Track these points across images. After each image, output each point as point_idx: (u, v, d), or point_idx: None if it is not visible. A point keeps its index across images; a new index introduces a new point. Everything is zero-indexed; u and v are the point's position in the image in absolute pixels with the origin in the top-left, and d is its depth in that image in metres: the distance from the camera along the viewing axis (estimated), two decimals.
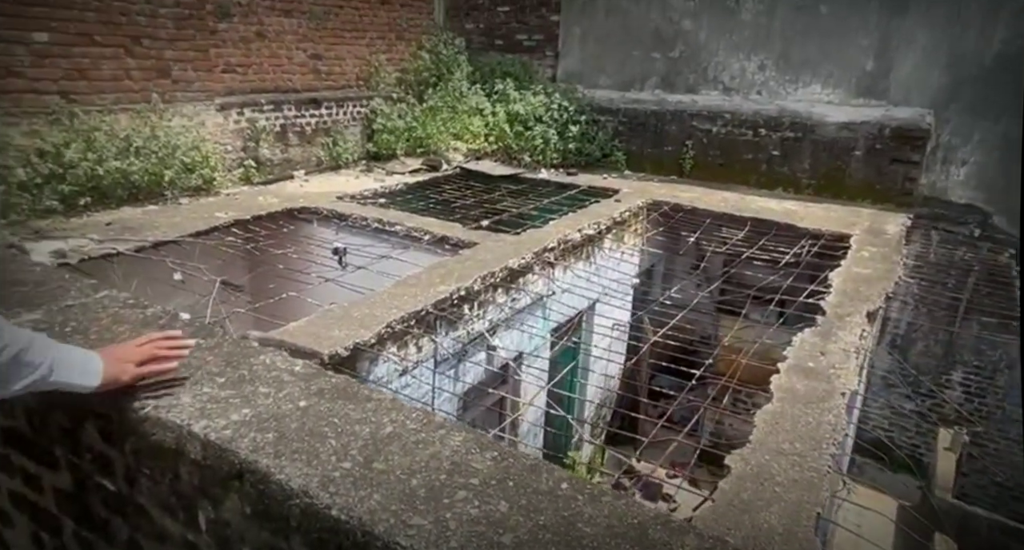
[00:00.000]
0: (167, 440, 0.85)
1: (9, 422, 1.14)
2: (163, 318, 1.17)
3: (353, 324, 3.06)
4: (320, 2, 6.64)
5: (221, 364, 0.98)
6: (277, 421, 0.84)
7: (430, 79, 7.92)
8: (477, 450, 0.82)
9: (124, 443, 0.92)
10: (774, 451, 2.08)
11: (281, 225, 5.14)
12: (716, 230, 5.33)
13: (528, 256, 4.32)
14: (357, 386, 0.96)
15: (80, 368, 0.98)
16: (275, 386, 0.93)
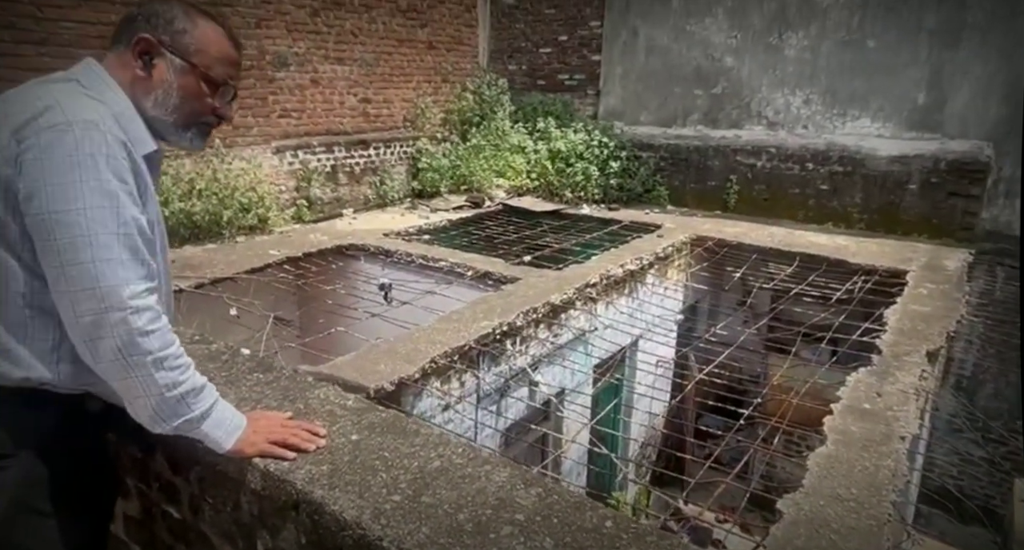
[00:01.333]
0: (230, 470, 0.89)
1: None
2: (226, 354, 1.24)
3: (398, 359, 3.11)
4: (371, 49, 7.00)
5: (279, 397, 1.03)
6: (331, 454, 0.88)
7: (473, 118, 8.17)
8: (522, 486, 0.83)
9: (190, 472, 0.97)
10: (829, 496, 1.99)
11: (330, 262, 5.32)
12: (763, 265, 5.23)
13: (570, 291, 4.33)
14: (406, 421, 0.99)
15: (225, 426, 1.01)
16: (329, 419, 0.96)
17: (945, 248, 5.46)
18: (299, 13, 6.09)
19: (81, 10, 4.34)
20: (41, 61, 4.22)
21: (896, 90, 5.79)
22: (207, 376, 1.13)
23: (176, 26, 1.14)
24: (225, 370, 1.15)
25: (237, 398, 1.06)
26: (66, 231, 0.96)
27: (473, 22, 8.35)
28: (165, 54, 1.13)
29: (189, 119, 1.18)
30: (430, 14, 7.64)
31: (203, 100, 1.18)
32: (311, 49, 6.31)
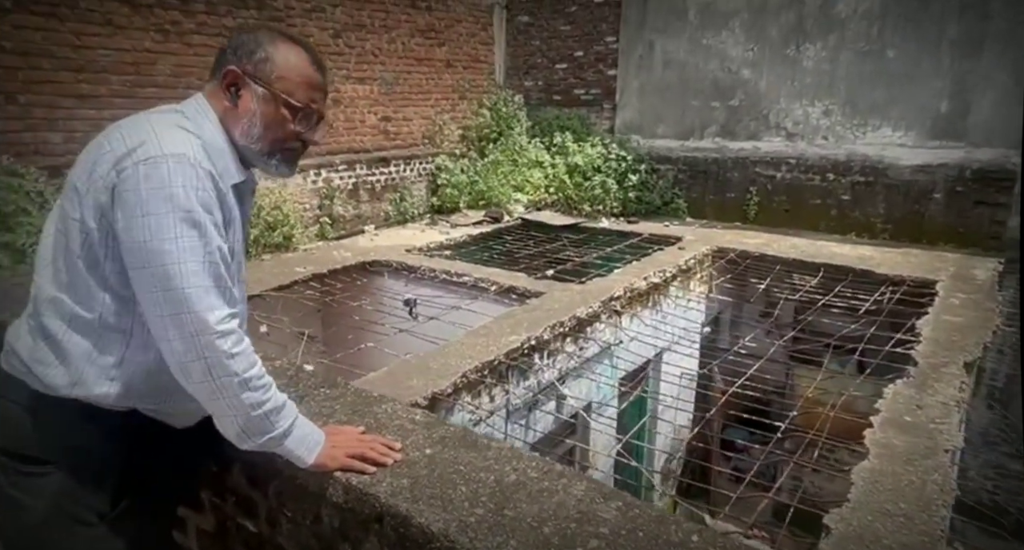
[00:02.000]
0: (310, 484, 0.91)
1: None
2: (290, 370, 1.27)
3: (430, 374, 3.13)
4: (391, 69, 7.13)
5: (348, 412, 1.05)
6: (409, 467, 0.89)
7: (491, 135, 8.26)
8: (601, 499, 0.84)
9: (268, 487, 0.99)
10: (877, 511, 1.97)
11: (355, 278, 5.37)
12: (787, 277, 5.20)
13: (596, 305, 4.33)
14: (475, 435, 1.01)
15: (307, 442, 1.04)
16: (401, 434, 0.98)
17: (973, 257, 5.40)
18: (322, 35, 6.23)
19: (116, 38, 4.47)
20: (79, 87, 4.35)
21: (918, 99, 5.77)
22: None
23: (259, 55, 1.18)
24: (293, 386, 1.18)
25: (309, 413, 1.08)
26: (159, 259, 1.02)
27: (489, 40, 8.48)
28: (249, 84, 1.17)
29: (273, 146, 1.21)
30: (448, 33, 7.77)
31: (285, 126, 1.20)
32: (333, 69, 6.43)
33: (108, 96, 4.50)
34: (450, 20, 7.78)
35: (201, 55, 5.05)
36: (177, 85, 4.95)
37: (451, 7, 7.74)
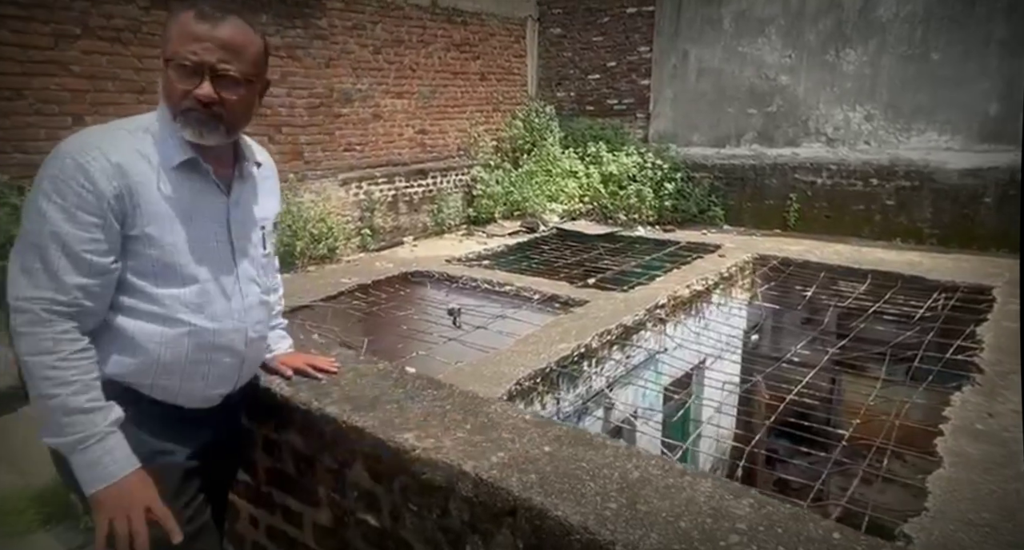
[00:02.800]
0: (437, 479, 0.95)
1: (276, 464, 1.29)
2: (394, 372, 1.32)
3: (485, 381, 3.16)
4: (427, 83, 7.26)
5: (461, 412, 1.09)
6: (532, 463, 0.92)
7: (524, 145, 8.33)
8: (731, 496, 0.85)
9: (392, 482, 1.03)
10: (959, 521, 1.93)
11: (398, 288, 5.46)
12: (833, 284, 5.12)
13: (641, 313, 4.33)
14: (588, 434, 1.04)
15: (95, 469, 1.06)
16: (516, 432, 1.01)
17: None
18: (363, 52, 6.39)
19: None
20: (139, 109, 4.54)
21: (964, 102, 5.66)
22: (382, 393, 1.20)
23: (166, 31, 1.21)
24: (401, 386, 1.22)
25: (423, 412, 1.12)
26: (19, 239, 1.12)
27: (522, 52, 8.58)
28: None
29: (174, 112, 1.20)
30: (482, 47, 7.89)
31: (175, 87, 1.18)
32: (373, 85, 6.59)
33: None
34: (484, 34, 7.90)
35: None
36: None
37: (485, 21, 7.87)
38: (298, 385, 1.25)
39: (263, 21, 5.21)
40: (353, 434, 1.09)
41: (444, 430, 1.02)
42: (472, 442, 0.99)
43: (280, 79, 5.47)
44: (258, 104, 1.28)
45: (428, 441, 0.99)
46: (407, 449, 0.99)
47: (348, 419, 1.11)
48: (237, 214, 1.26)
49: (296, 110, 5.69)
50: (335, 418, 1.12)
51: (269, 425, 1.28)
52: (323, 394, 1.21)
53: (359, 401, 1.16)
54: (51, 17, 3.91)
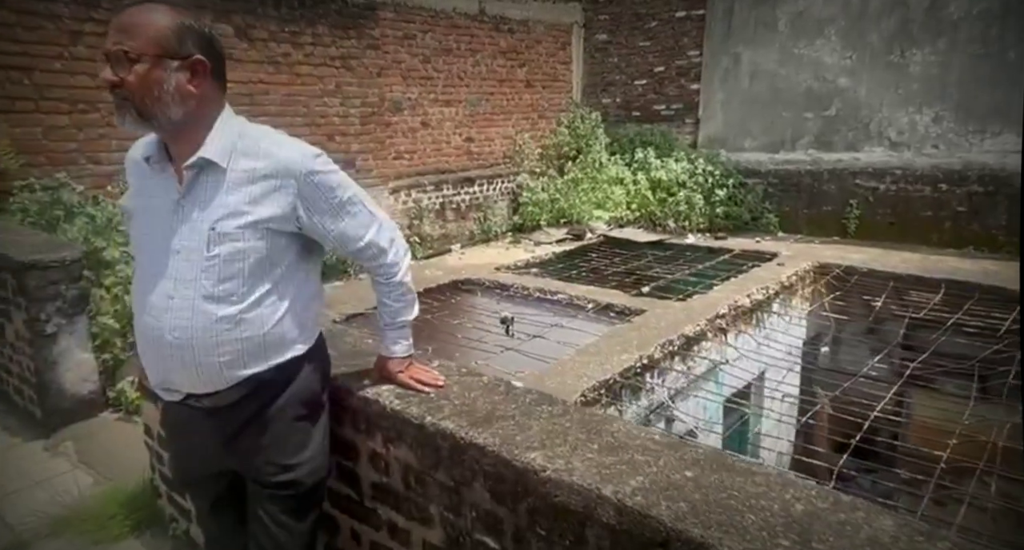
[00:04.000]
0: (572, 503, 0.88)
1: (382, 479, 1.24)
2: (500, 385, 1.26)
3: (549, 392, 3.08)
4: (475, 91, 7.28)
5: (583, 431, 1.02)
6: (676, 490, 0.84)
7: (570, 152, 8.26)
8: (922, 538, 0.76)
9: (519, 504, 0.96)
10: None
11: (449, 296, 5.44)
12: (904, 294, 4.87)
13: (702, 323, 4.19)
14: (729, 458, 0.95)
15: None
16: (649, 454, 0.93)
17: None
18: (413, 61, 6.44)
19: (236, 71, 4.75)
20: None
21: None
22: (494, 408, 1.15)
23: None
24: (512, 402, 1.16)
25: (543, 430, 1.05)
26: None
27: (567, 59, 8.54)
28: None
29: None
30: (528, 54, 7.88)
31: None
32: (422, 94, 6.63)
33: None
34: (530, 41, 7.89)
35: (308, 84, 5.30)
36: (285, 114, 5.21)
37: (532, 28, 7.86)
38: (407, 398, 1.20)
39: (320, 31, 5.29)
40: (473, 451, 1.03)
41: (571, 450, 0.95)
42: (604, 464, 0.91)
43: (335, 88, 5.54)
44: (183, 86, 1.18)
45: (558, 462, 0.92)
46: (535, 469, 0.92)
47: (467, 435, 1.05)
48: (184, 211, 1.23)
49: (349, 119, 5.76)
50: (452, 434, 1.06)
51: (376, 439, 1.23)
52: (435, 408, 1.15)
53: (473, 416, 1.10)
54: None
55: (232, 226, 1.21)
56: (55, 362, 2.46)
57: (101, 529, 1.85)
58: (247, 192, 1.22)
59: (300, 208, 1.25)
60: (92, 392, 2.61)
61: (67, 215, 3.19)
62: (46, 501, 2.01)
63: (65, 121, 3.87)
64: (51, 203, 3.24)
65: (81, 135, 3.95)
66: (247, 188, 1.22)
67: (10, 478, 2.14)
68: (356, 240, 1.32)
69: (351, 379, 1.30)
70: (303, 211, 1.26)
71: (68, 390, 2.53)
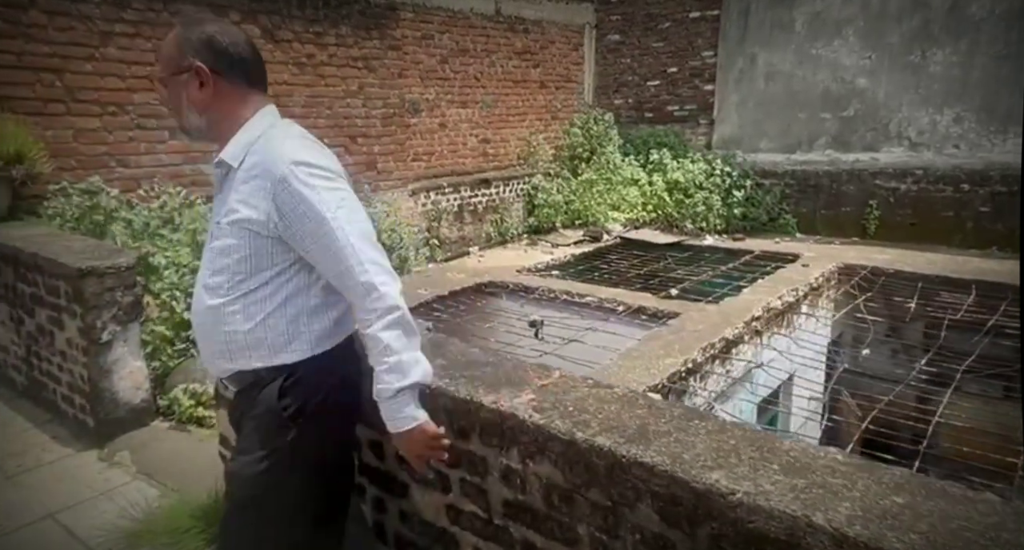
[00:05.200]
0: (772, 530, 0.84)
1: (516, 496, 1.19)
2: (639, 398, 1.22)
3: None
4: (490, 92, 7.23)
5: (753, 449, 0.97)
6: (894, 519, 0.80)
7: (583, 154, 8.23)
8: None
9: (698, 528, 0.92)
10: None
11: (474, 299, 5.39)
12: (935, 295, 4.87)
13: (740, 325, 4.17)
14: (935, 481, 0.90)
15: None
16: (841, 476, 0.86)
17: None
18: (430, 62, 6.39)
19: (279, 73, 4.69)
20: None
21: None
22: (643, 422, 1.10)
23: None
24: (662, 416, 1.11)
25: (709, 447, 1.00)
26: None
27: (580, 60, 8.51)
28: None
29: None
30: (542, 55, 7.85)
31: None
32: (440, 95, 6.58)
33: None
34: (544, 41, 7.86)
35: (331, 85, 5.24)
36: (309, 115, 5.15)
37: (546, 29, 7.83)
38: (549, 412, 1.15)
39: (343, 32, 5.24)
40: (637, 470, 0.98)
41: (752, 470, 0.91)
42: (797, 487, 0.87)
43: (357, 90, 5.48)
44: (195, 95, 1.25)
45: (744, 484, 0.88)
46: (721, 492, 0.88)
47: (628, 453, 1.00)
48: (216, 207, 1.33)
49: (371, 120, 5.70)
50: (611, 451, 1.02)
51: (511, 454, 1.19)
52: (582, 424, 1.11)
53: (625, 432, 1.06)
54: (153, 33, 3.97)
55: (225, 222, 1.24)
56: (109, 370, 2.40)
57: (176, 543, 1.80)
58: (241, 190, 1.23)
59: (275, 215, 1.19)
60: (144, 400, 2.55)
61: (107, 220, 3.12)
62: (115, 513, 1.95)
63: (96, 123, 3.79)
64: (90, 208, 3.18)
65: (111, 138, 3.88)
66: (243, 186, 1.23)
67: (70, 489, 2.07)
68: (328, 272, 1.21)
69: (474, 390, 1.26)
70: (278, 219, 1.19)
71: (122, 399, 2.46)
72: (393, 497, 1.49)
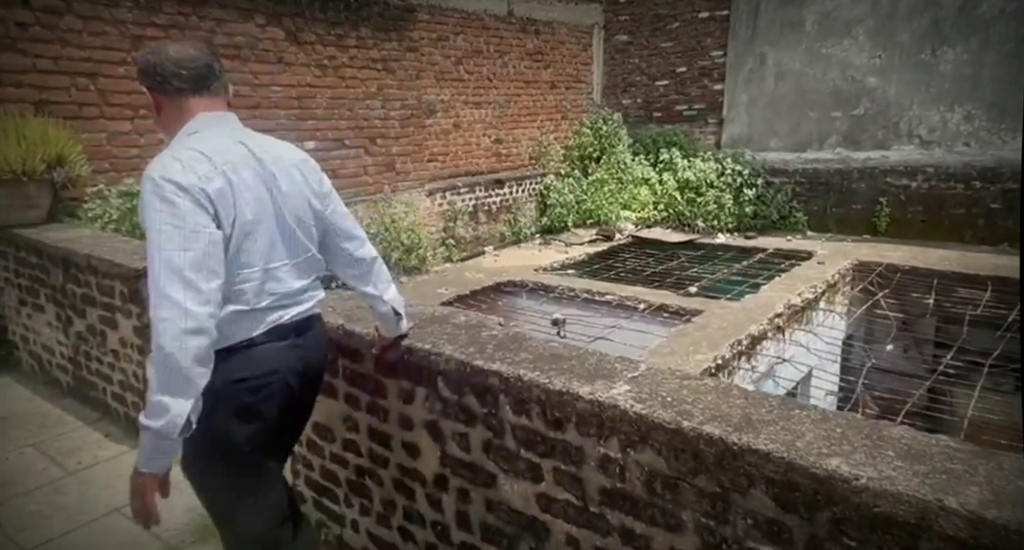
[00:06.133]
0: (900, 513, 0.88)
1: (615, 484, 1.24)
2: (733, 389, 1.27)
3: None
4: (503, 92, 7.28)
5: (863, 437, 1.00)
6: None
7: (593, 153, 8.28)
8: None
9: (817, 512, 0.96)
10: None
11: (494, 298, 5.43)
12: (952, 291, 4.93)
13: (764, 322, 4.23)
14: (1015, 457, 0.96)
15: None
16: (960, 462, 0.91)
17: None
18: (446, 63, 6.43)
19: (285, 75, 4.73)
20: (254, 123, 4.59)
21: None
22: (743, 411, 1.15)
23: None
24: (761, 406, 1.16)
25: (817, 436, 1.05)
26: None
27: (589, 60, 8.56)
28: None
29: None
30: (552, 55, 7.90)
31: None
32: (454, 96, 6.63)
33: (277, 130, 4.75)
34: (555, 42, 7.91)
35: (352, 87, 5.28)
36: (331, 117, 5.19)
37: (556, 30, 7.88)
38: (648, 402, 1.20)
39: (363, 34, 5.28)
40: (751, 457, 1.03)
41: (869, 457, 0.96)
42: (920, 472, 0.92)
43: (376, 91, 5.52)
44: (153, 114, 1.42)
45: (867, 469, 0.93)
46: (845, 477, 0.93)
47: (741, 441, 1.05)
48: None
49: (389, 122, 5.74)
50: (721, 439, 1.07)
51: (611, 443, 1.23)
52: (685, 413, 1.16)
53: (730, 421, 1.11)
54: (183, 37, 4.00)
55: None
56: None
57: None
58: None
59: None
60: None
61: None
62: (182, 508, 1.99)
63: (128, 126, 3.83)
64: (130, 210, 3.21)
65: (142, 141, 3.91)
66: None
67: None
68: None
69: (569, 382, 1.30)
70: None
71: None
72: (477, 487, 1.54)
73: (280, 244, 1.39)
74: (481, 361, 1.46)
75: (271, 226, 1.37)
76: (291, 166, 1.43)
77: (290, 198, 1.41)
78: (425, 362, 1.57)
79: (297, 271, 1.43)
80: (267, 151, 1.40)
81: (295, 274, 1.42)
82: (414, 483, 1.69)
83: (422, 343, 1.60)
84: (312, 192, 1.47)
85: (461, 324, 1.77)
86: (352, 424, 1.83)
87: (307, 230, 1.45)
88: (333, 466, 1.93)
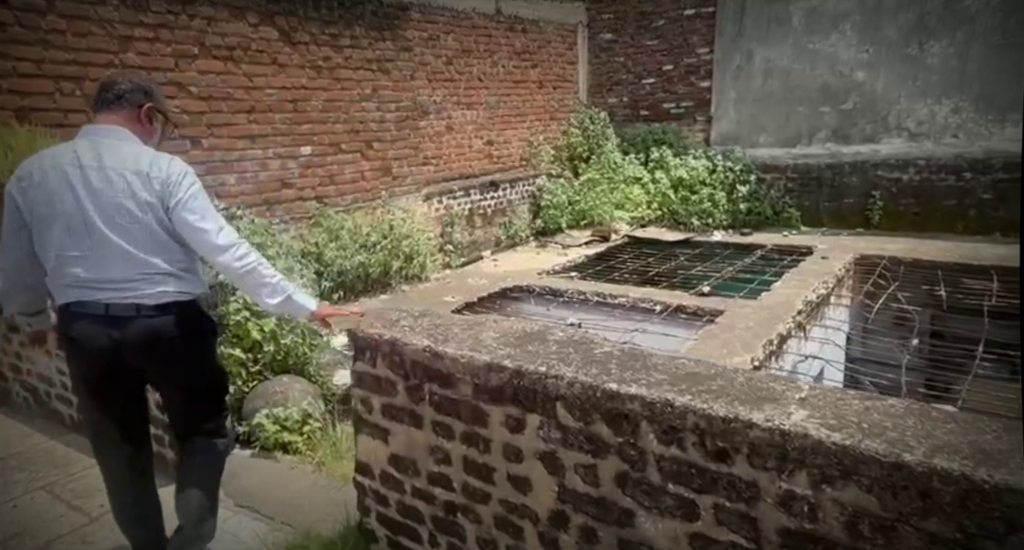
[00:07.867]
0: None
1: (802, 524, 1.09)
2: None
3: None
4: (494, 92, 7.12)
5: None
6: None
7: (582, 153, 8.19)
8: None
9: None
10: None
11: (501, 304, 5.27)
12: (958, 282, 4.99)
13: (789, 321, 4.18)
14: None
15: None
16: None
17: None
18: (437, 63, 6.23)
19: (280, 77, 4.47)
20: (250, 128, 4.34)
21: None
22: (970, 439, 1.03)
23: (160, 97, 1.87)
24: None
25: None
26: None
27: (574, 59, 8.47)
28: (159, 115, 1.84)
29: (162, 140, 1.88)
30: (540, 54, 7.78)
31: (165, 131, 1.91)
32: (447, 96, 6.43)
33: (272, 135, 4.49)
34: (542, 41, 7.79)
35: (347, 89, 5.05)
36: (327, 120, 4.94)
37: (543, 28, 7.76)
38: (846, 430, 1.06)
39: (357, 33, 5.04)
40: (1011, 498, 0.89)
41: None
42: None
43: (371, 93, 5.29)
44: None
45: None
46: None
47: (991, 478, 0.91)
48: None
49: (385, 125, 5.52)
50: (964, 476, 0.93)
51: (796, 478, 1.09)
52: (900, 442, 1.02)
53: (959, 451, 0.97)
54: (172, 37, 3.72)
55: None
56: None
57: None
58: None
59: None
60: None
61: None
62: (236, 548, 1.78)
63: None
64: None
65: None
66: None
67: (171, 524, 1.89)
68: None
69: (733, 407, 1.16)
70: None
71: None
72: (608, 525, 1.38)
73: (80, 236, 1.61)
74: (614, 384, 1.31)
75: (68, 221, 1.61)
76: (116, 174, 1.62)
77: (103, 199, 1.61)
78: (539, 386, 1.41)
79: (103, 262, 1.62)
80: (99, 158, 1.63)
81: (101, 264, 1.62)
82: (523, 520, 1.52)
83: (534, 365, 1.43)
84: (133, 198, 1.62)
85: (564, 340, 1.61)
86: (442, 456, 1.65)
87: (124, 231, 1.62)
88: (415, 502, 1.74)
